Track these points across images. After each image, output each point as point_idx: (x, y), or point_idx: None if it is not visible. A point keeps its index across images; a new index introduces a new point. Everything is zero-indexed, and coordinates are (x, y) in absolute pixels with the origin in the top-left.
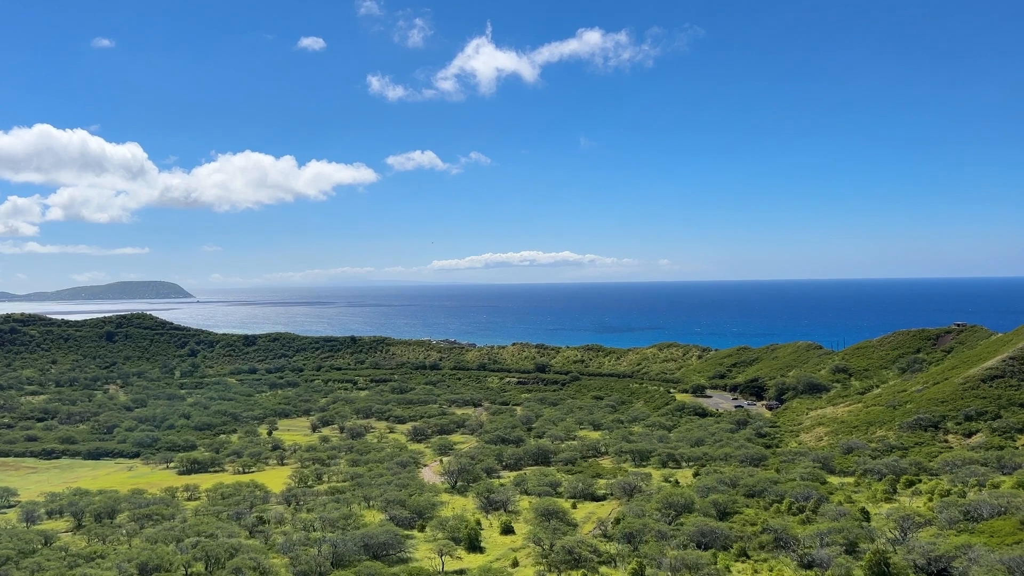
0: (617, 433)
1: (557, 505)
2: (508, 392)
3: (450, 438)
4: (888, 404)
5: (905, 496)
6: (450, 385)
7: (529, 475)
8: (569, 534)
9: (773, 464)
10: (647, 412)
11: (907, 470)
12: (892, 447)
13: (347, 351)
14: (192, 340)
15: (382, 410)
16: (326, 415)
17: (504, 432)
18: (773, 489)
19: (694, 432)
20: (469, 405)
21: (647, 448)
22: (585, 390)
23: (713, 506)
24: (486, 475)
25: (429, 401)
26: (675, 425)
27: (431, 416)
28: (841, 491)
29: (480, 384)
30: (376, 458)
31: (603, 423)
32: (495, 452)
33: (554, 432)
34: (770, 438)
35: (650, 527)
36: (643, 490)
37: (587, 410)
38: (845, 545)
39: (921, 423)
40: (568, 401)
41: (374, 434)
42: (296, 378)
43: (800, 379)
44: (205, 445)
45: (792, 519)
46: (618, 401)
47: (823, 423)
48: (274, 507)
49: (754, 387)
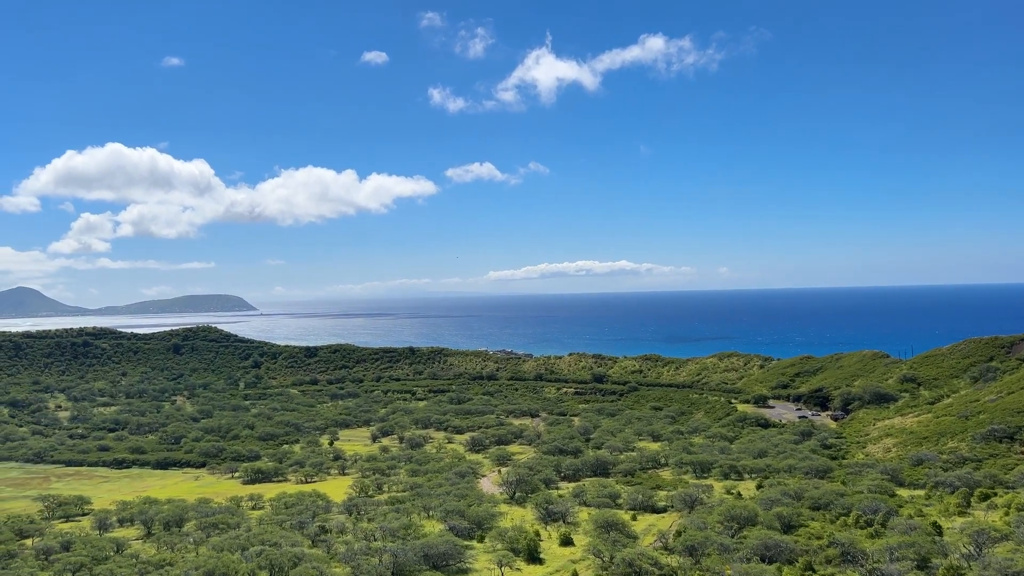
0: (677, 444)
1: (616, 517)
2: (565, 402)
3: (508, 448)
4: (960, 414)
5: (979, 510)
6: (507, 395)
7: (588, 486)
8: (629, 546)
9: (839, 476)
10: (707, 423)
11: (981, 483)
12: (965, 459)
13: (405, 362)
14: (255, 352)
15: (440, 420)
16: (385, 425)
17: (562, 443)
18: (839, 502)
19: (756, 443)
20: (526, 416)
21: (708, 459)
22: (643, 400)
23: (777, 519)
24: (544, 486)
25: (486, 411)
26: (736, 436)
27: (489, 426)
28: (911, 504)
29: (537, 395)
30: (435, 468)
31: (662, 434)
32: (553, 463)
33: (612, 443)
34: (835, 449)
35: (712, 540)
36: (704, 502)
37: (646, 421)
38: (916, 560)
39: (995, 434)
40: (626, 412)
41: (433, 444)
42: (356, 389)
43: (866, 389)
44: (268, 455)
45: (860, 533)
46: (677, 412)
47: (891, 434)
48: (336, 516)
49: (818, 397)
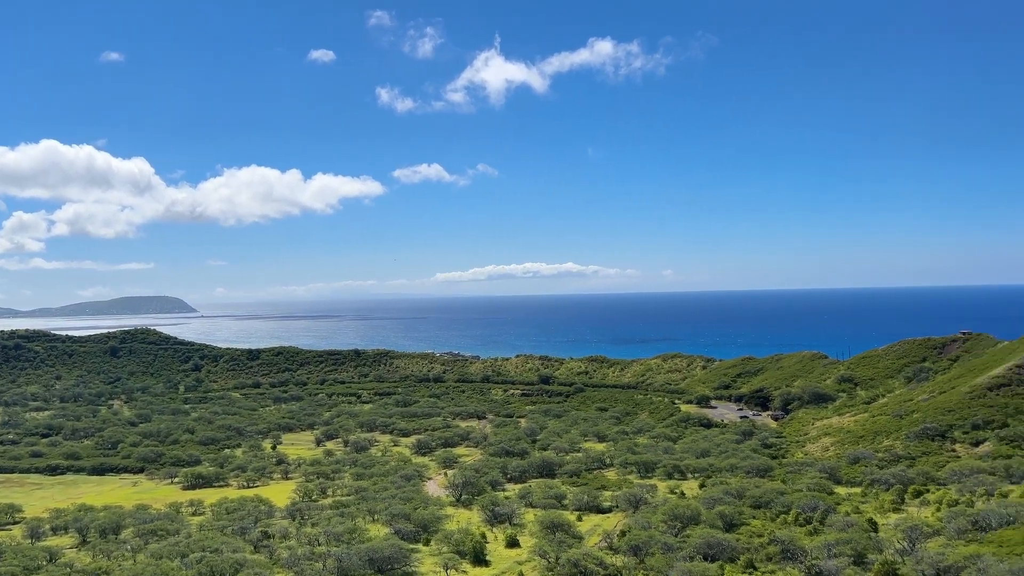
0: (622, 445)
1: (562, 518)
2: (512, 404)
3: (454, 451)
4: (894, 414)
5: (913, 506)
6: (454, 398)
7: (534, 487)
8: (575, 547)
9: (779, 475)
10: (652, 423)
11: (915, 480)
12: (899, 457)
13: (350, 364)
14: (196, 355)
15: (386, 423)
16: (330, 429)
17: (508, 444)
18: (780, 500)
19: (699, 443)
20: (473, 417)
21: (652, 460)
22: (589, 402)
23: (719, 517)
24: (491, 488)
25: (433, 414)
26: (680, 436)
27: (435, 429)
28: (848, 501)
29: (484, 396)
30: (380, 472)
31: (608, 435)
32: (500, 465)
33: (559, 444)
34: (776, 449)
35: (656, 539)
36: (649, 502)
37: (591, 422)
38: (853, 556)
39: (928, 433)
40: (572, 413)
41: (378, 448)
42: (299, 392)
43: (805, 389)
44: (209, 460)
45: (799, 530)
46: (623, 412)
47: (829, 433)
48: (278, 522)
49: (759, 397)
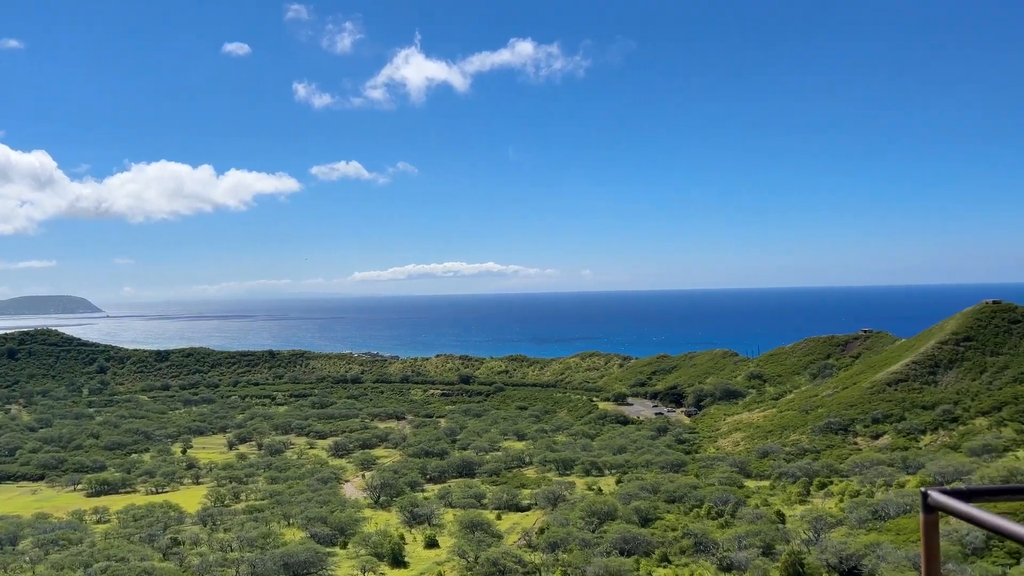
0: (541, 443)
1: (482, 517)
2: (432, 404)
3: (372, 452)
4: (801, 409)
5: (818, 498)
6: (372, 399)
7: (453, 487)
8: (494, 546)
9: (693, 470)
10: (570, 421)
11: (819, 472)
12: (805, 450)
13: (265, 366)
14: (101, 356)
15: (302, 425)
16: (243, 432)
17: (428, 445)
18: (693, 494)
19: (616, 440)
20: (392, 418)
21: (571, 457)
22: (509, 401)
23: (635, 513)
24: (410, 489)
25: (351, 415)
26: (598, 433)
27: (353, 431)
28: (758, 494)
29: (403, 397)
30: (296, 475)
31: (527, 433)
32: (419, 465)
33: (478, 443)
34: (689, 444)
35: (574, 536)
36: (567, 499)
37: (511, 420)
38: (762, 547)
39: (832, 426)
40: (492, 412)
41: (294, 450)
42: (211, 394)
43: (717, 386)
44: (115, 465)
45: (711, 523)
46: (542, 411)
47: (740, 428)
48: (189, 528)
49: (673, 394)
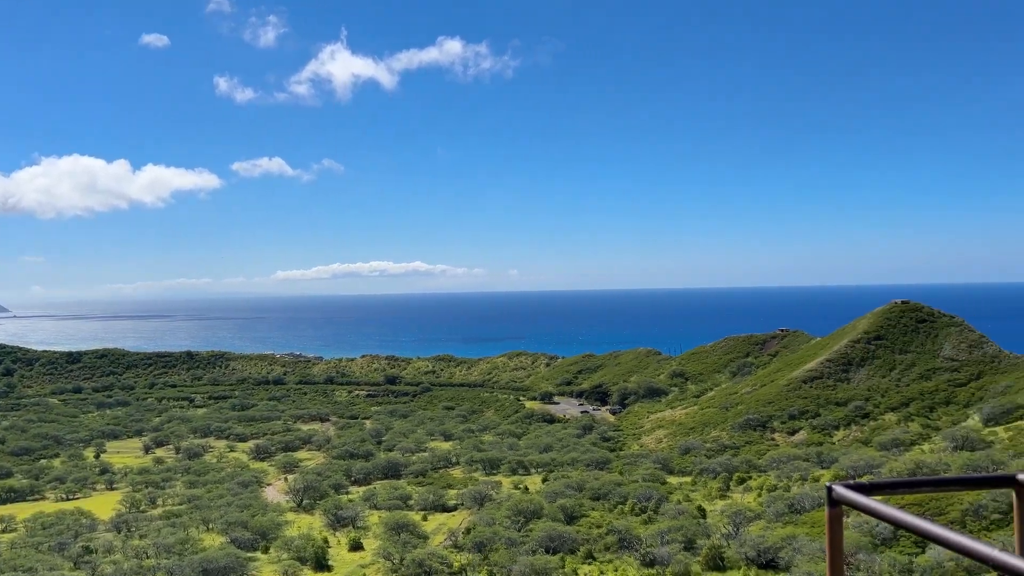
0: (468, 443)
1: (407, 518)
2: (357, 405)
3: (295, 455)
4: (721, 406)
5: (737, 492)
6: (295, 400)
7: (379, 489)
8: (420, 547)
9: (617, 467)
10: (497, 421)
11: (739, 468)
12: (725, 446)
13: (183, 367)
14: (7, 358)
15: (222, 428)
16: (160, 435)
17: (353, 446)
18: (617, 491)
19: (542, 439)
20: (316, 420)
21: (497, 456)
22: (436, 401)
23: (561, 511)
24: (334, 491)
25: (273, 417)
26: (524, 432)
27: (275, 433)
28: (680, 490)
29: (327, 398)
30: (215, 479)
31: (454, 433)
32: (343, 467)
33: (404, 444)
34: (614, 442)
35: (500, 535)
36: (493, 498)
37: (438, 421)
38: (684, 542)
39: (751, 423)
40: (419, 412)
41: (213, 454)
42: (126, 396)
43: (641, 384)
44: (23, 472)
45: (635, 519)
46: (469, 411)
47: (663, 425)
48: (102, 535)
49: (599, 393)
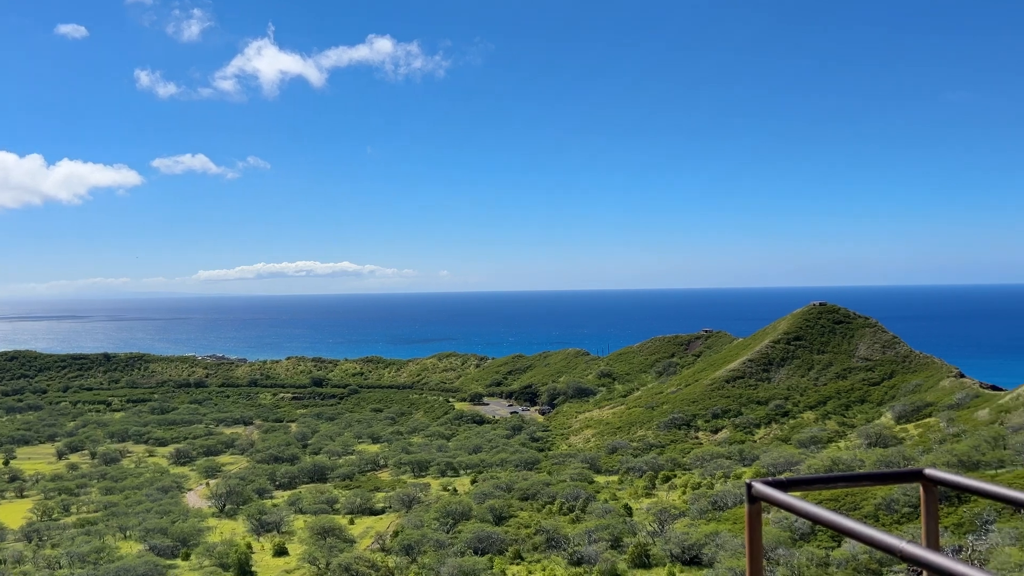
0: (396, 445)
1: (333, 522)
2: (282, 408)
3: (218, 459)
4: (647, 405)
5: (663, 490)
6: (218, 403)
7: (304, 493)
8: (346, 551)
9: (546, 467)
10: (427, 422)
11: (664, 466)
12: (651, 445)
13: (99, 369)
14: None
15: (140, 432)
16: (75, 440)
17: (277, 450)
18: (545, 491)
19: (472, 440)
20: (239, 424)
21: (426, 458)
22: (364, 403)
23: (490, 512)
24: (258, 496)
25: (194, 421)
26: (454, 434)
27: (196, 437)
28: (607, 489)
29: (251, 401)
30: (133, 484)
31: (382, 436)
32: (268, 472)
33: (331, 448)
34: (543, 442)
35: (429, 537)
36: (422, 501)
37: (366, 423)
38: (611, 540)
39: (676, 422)
40: (346, 415)
41: (131, 459)
42: (38, 400)
43: (570, 384)
44: None
45: (563, 519)
46: (398, 413)
47: (591, 425)
48: (12, 545)
49: (528, 393)
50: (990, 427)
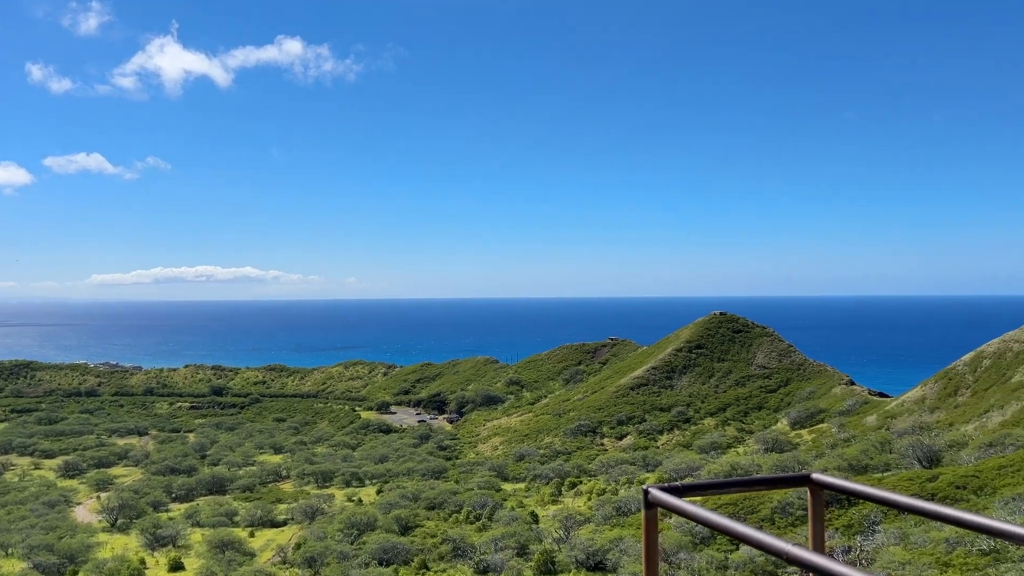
0: (300, 455)
1: (233, 535)
2: (180, 418)
3: (110, 472)
4: (554, 413)
5: (569, 497)
6: (111, 413)
7: (202, 506)
8: (246, 564)
9: (453, 475)
10: (331, 432)
11: (570, 473)
12: (558, 452)
13: None
14: None
15: (25, 444)
16: None
17: (174, 462)
18: (452, 500)
19: (378, 449)
20: (134, 434)
21: (331, 468)
22: (267, 412)
23: (395, 522)
24: (153, 509)
25: (85, 432)
26: (360, 443)
27: (87, 448)
28: (514, 497)
29: (147, 411)
30: (17, 499)
31: (285, 446)
32: (163, 484)
33: (231, 459)
34: (451, 450)
35: (332, 549)
36: (325, 512)
37: (268, 433)
38: (517, 548)
39: (582, 429)
40: (247, 425)
41: (15, 472)
42: None
43: (478, 392)
44: None
45: (470, 527)
46: (301, 422)
47: (499, 433)
48: None
49: (436, 401)
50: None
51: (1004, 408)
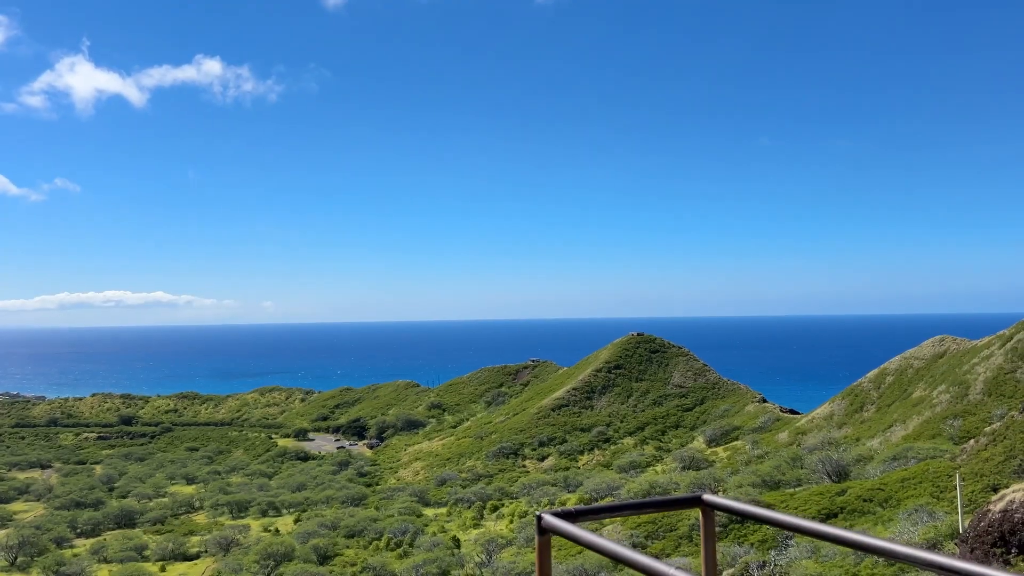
0: (213, 485)
1: (142, 570)
2: (86, 449)
3: (9, 507)
4: (476, 435)
5: (491, 520)
6: (10, 446)
7: (110, 540)
8: None
9: (373, 502)
10: (247, 460)
11: (492, 496)
12: (480, 475)
13: None
14: None
15: None
16: None
17: (79, 495)
18: (373, 527)
19: (296, 477)
20: (35, 468)
21: (246, 498)
22: (179, 442)
23: (313, 551)
24: (55, 546)
25: None
26: (276, 472)
27: None
28: (436, 522)
29: (50, 443)
30: None
31: (198, 476)
32: (68, 519)
33: (141, 490)
34: (371, 477)
35: None
36: (241, 543)
37: (180, 463)
38: (439, 574)
39: (504, 451)
40: (158, 455)
41: None
42: None
43: (399, 416)
44: None
45: (391, 555)
46: (215, 451)
47: (420, 458)
48: None
49: (356, 427)
50: (789, 448)
51: (906, 423)
